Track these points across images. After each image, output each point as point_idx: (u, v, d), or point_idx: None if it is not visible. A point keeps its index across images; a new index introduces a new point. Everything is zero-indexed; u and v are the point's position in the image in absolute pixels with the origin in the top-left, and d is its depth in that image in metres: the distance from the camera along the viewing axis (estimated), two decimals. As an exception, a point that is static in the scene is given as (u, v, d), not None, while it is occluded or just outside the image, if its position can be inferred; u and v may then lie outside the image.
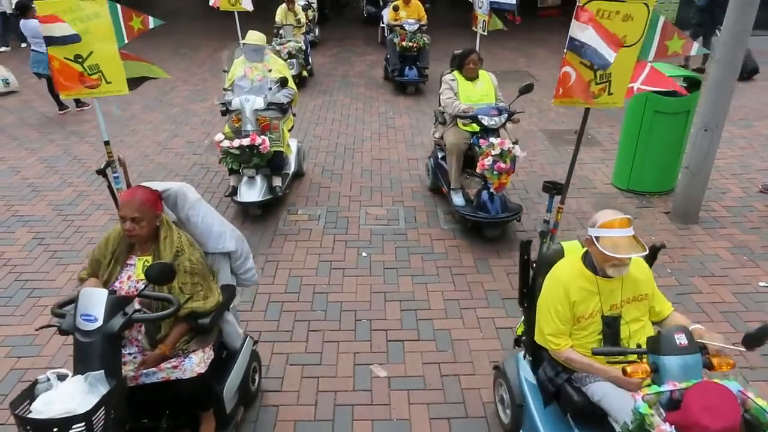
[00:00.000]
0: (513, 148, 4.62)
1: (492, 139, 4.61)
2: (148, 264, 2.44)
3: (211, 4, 7.85)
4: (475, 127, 4.77)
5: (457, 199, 4.95)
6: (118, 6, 3.89)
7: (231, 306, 2.86)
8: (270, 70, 5.33)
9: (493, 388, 3.19)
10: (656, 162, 5.45)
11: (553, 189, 3.46)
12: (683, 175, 5.08)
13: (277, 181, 5.29)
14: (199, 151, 6.85)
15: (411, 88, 9.07)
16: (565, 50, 3.20)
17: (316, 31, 12.42)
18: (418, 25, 8.98)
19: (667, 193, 5.59)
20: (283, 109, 5.25)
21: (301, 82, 9.24)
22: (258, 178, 5.09)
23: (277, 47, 8.90)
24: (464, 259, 4.60)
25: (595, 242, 2.32)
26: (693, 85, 5.43)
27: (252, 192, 5.04)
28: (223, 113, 5.25)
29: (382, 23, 11.78)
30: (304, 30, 9.81)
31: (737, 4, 4.39)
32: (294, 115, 5.84)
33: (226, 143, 4.88)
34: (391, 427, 3.09)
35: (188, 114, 8.24)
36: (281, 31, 9.48)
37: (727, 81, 4.61)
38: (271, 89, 5.13)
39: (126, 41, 4.00)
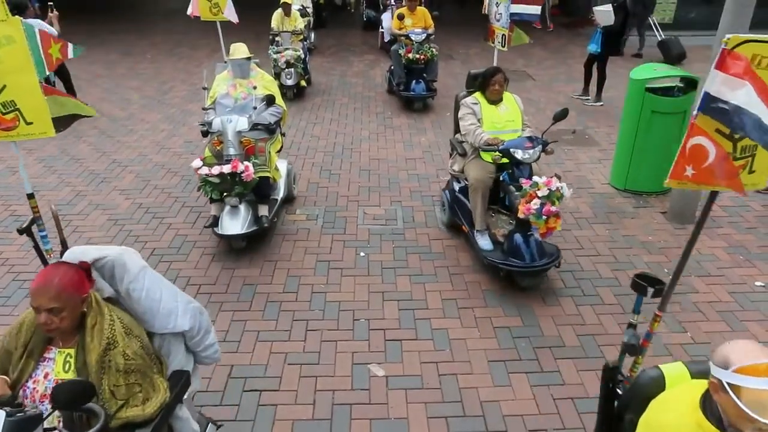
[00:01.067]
0: (561, 187, 3.89)
1: (536, 179, 3.91)
2: (71, 359, 1.97)
3: (189, 13, 7.12)
4: (503, 159, 4.16)
5: (484, 243, 4.29)
6: (36, 29, 3.29)
7: (185, 396, 2.29)
8: (255, 87, 4.87)
9: None
10: (653, 162, 5.46)
11: (649, 287, 2.34)
12: (680, 175, 5.09)
13: (263, 210, 4.78)
14: (197, 151, 6.84)
15: (418, 104, 8.23)
16: (694, 112, 2.11)
17: (312, 36, 11.69)
18: (425, 35, 8.06)
19: (664, 193, 5.61)
20: (270, 129, 4.77)
21: (299, 92, 8.86)
22: (242, 208, 4.57)
23: (274, 56, 8.43)
24: (462, 259, 4.61)
25: (729, 392, 1.53)
26: (689, 85, 5.45)
27: (235, 223, 4.52)
28: (204, 134, 4.75)
29: (381, 28, 11.47)
30: (302, 37, 9.12)
31: (734, 3, 4.41)
32: (283, 135, 5.36)
33: (204, 170, 4.33)
34: (389, 426, 3.10)
35: (186, 113, 8.24)
36: (277, 39, 8.86)
37: (723, 81, 4.61)
38: (257, 108, 4.64)
39: (47, 72, 3.40)
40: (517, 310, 4.00)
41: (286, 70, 8.39)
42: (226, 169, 4.31)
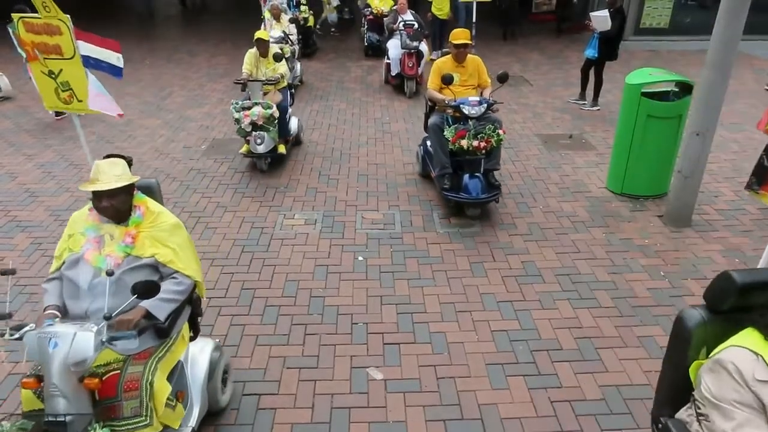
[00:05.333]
0: None
1: None
2: None
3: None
4: None
5: None
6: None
7: None
8: (121, 260, 2.54)
9: None
10: (649, 166, 5.51)
11: None
12: (676, 179, 5.13)
13: None
14: (196, 156, 6.87)
15: (474, 210, 5.26)
16: None
17: (298, 68, 9.58)
18: (485, 105, 5.14)
19: (661, 196, 5.65)
20: (161, 331, 2.58)
21: (275, 161, 6.47)
22: None
23: (235, 114, 5.96)
24: (460, 263, 4.64)
25: None
26: (685, 89, 5.49)
27: None
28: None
29: (387, 58, 9.63)
30: (284, 85, 6.69)
31: (727, 9, 4.45)
32: (198, 318, 3.02)
33: None
34: (388, 430, 3.12)
35: (185, 119, 8.27)
36: (246, 89, 6.30)
37: (718, 85, 4.66)
38: (115, 315, 2.35)
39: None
40: (514, 313, 4.02)
41: (256, 133, 6.02)
42: None
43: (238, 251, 4.82)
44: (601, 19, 7.75)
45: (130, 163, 2.79)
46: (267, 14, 9.56)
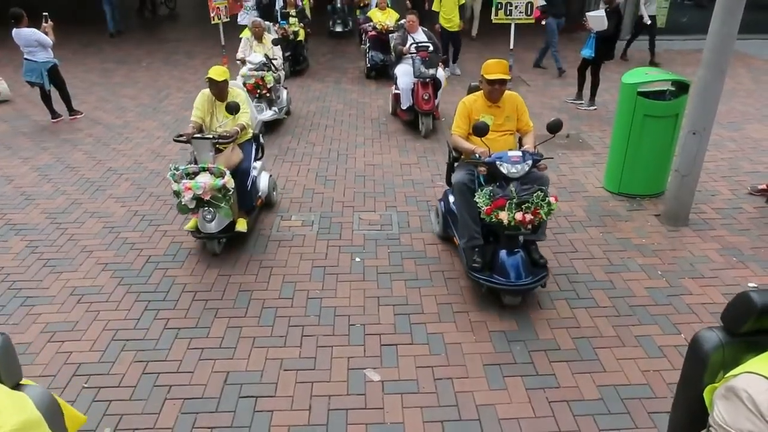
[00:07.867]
0: None
1: None
2: None
3: None
4: None
5: None
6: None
7: None
8: None
9: None
10: (646, 165, 5.50)
11: None
12: (673, 178, 5.13)
13: None
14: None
15: (513, 298, 4.04)
16: None
17: (284, 97, 8.05)
18: (531, 160, 3.98)
19: (658, 195, 5.65)
20: None
21: (232, 241, 4.86)
22: None
23: (174, 186, 4.31)
24: (457, 263, 4.63)
25: None
26: (681, 89, 5.50)
27: None
28: None
29: (396, 88, 7.86)
30: (248, 137, 5.07)
31: (723, 8, 4.45)
32: None
33: None
34: (385, 431, 3.11)
35: (182, 121, 8.25)
36: (192, 148, 4.75)
37: (714, 84, 4.66)
38: None
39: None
40: (512, 314, 4.01)
41: (203, 209, 4.46)
42: None
43: (235, 254, 4.80)
44: (597, 18, 7.76)
45: None
46: (246, 33, 8.15)
